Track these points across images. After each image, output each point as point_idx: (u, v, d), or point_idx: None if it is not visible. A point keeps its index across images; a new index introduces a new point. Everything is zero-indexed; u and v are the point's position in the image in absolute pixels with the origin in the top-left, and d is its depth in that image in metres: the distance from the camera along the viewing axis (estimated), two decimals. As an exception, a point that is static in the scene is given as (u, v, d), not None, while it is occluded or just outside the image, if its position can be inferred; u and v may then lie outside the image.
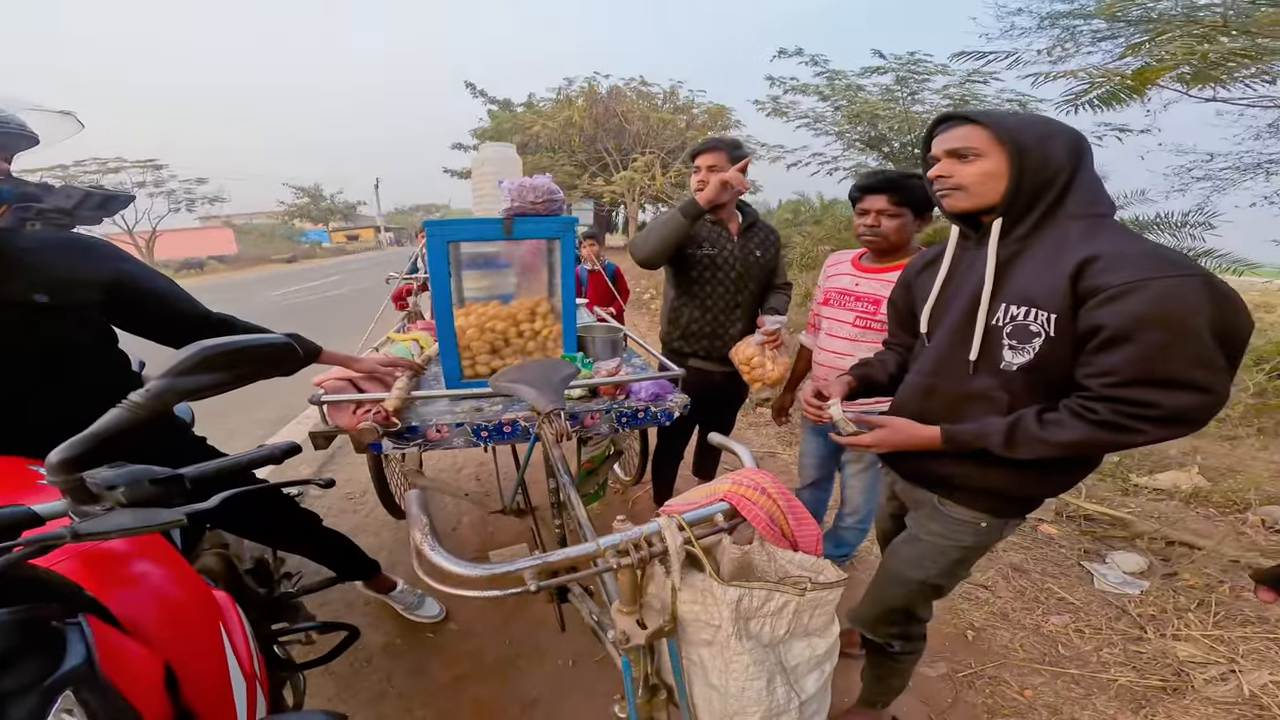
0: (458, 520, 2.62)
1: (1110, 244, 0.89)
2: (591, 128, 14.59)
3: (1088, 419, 0.91)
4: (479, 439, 1.49)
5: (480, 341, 1.67)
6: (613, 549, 0.73)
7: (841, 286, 1.71)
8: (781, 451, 3.42)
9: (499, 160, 2.14)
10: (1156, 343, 0.84)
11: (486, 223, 1.58)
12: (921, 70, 5.86)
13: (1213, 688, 1.61)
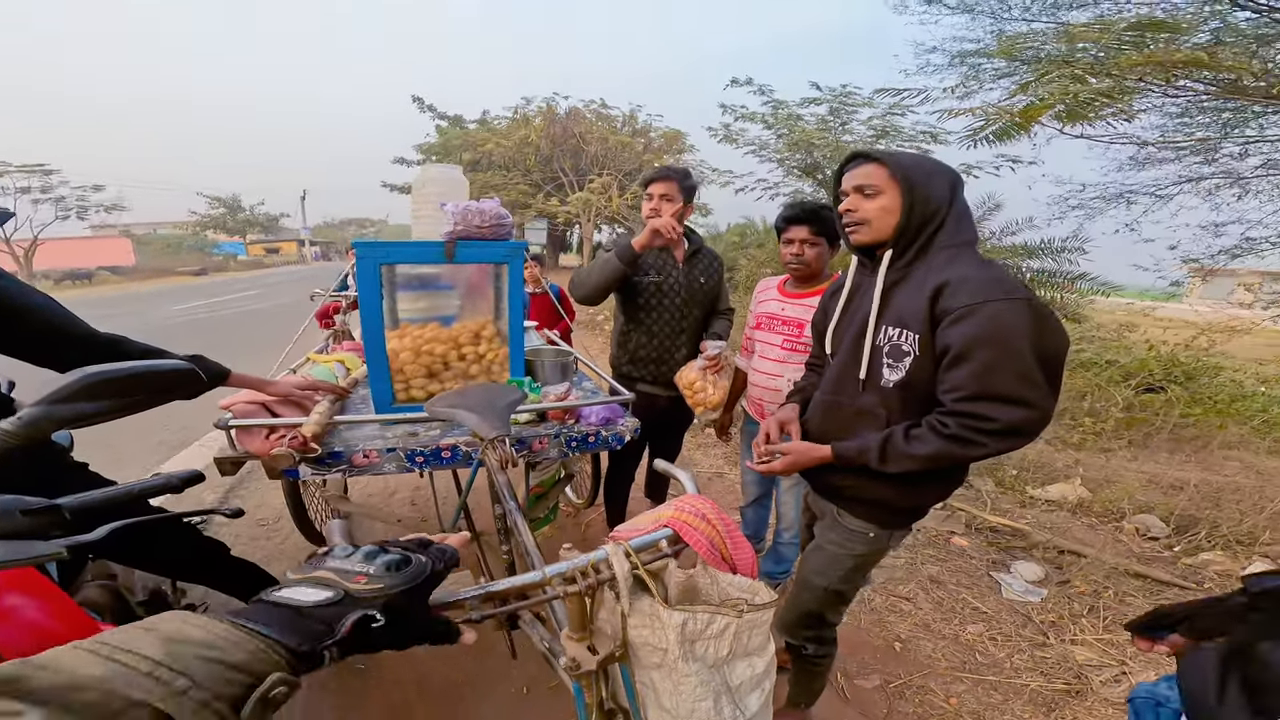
0: None
1: (960, 270, 1.02)
2: (548, 147, 14.66)
3: (941, 433, 1.02)
4: (414, 464, 1.43)
5: (415, 365, 1.62)
6: (559, 577, 0.74)
7: (770, 311, 1.83)
8: (728, 471, 3.51)
9: (444, 181, 2.08)
10: (987, 360, 0.96)
11: (425, 246, 1.55)
12: (851, 103, 6.40)
13: (1108, 689, 1.79)
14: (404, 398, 1.63)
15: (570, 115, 14.80)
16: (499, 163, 15.40)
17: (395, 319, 1.64)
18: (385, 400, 1.61)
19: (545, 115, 14.74)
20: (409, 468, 1.43)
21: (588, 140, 14.49)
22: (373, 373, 1.58)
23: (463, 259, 1.56)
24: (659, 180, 1.89)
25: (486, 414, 1.17)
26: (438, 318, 1.70)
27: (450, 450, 1.46)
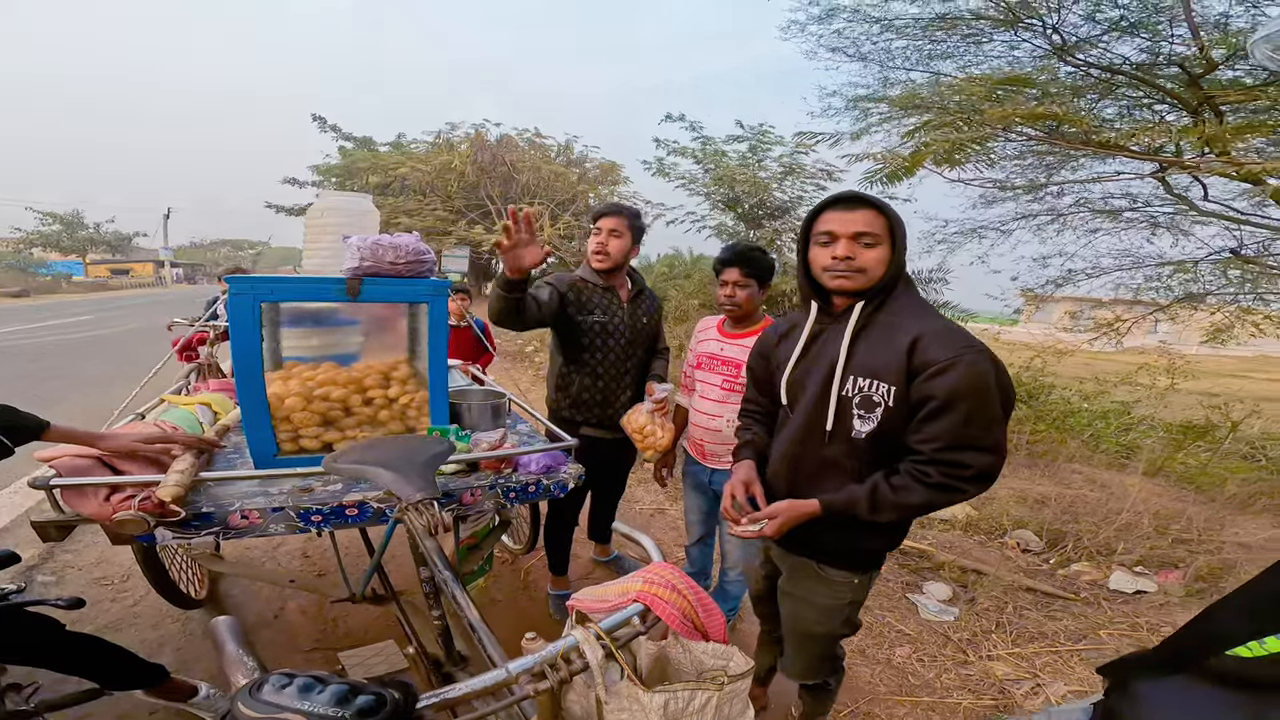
0: (280, 605, 2.13)
1: (929, 323, 1.06)
2: (475, 174, 14.28)
3: (925, 483, 1.04)
4: (309, 525, 1.28)
5: (306, 412, 1.45)
6: (527, 673, 0.63)
7: (710, 351, 1.83)
8: (669, 507, 3.45)
9: (348, 212, 1.89)
10: (967, 411, 0.99)
11: (320, 282, 1.42)
12: (766, 140, 6.96)
13: (1029, 701, 1.90)
14: (292, 449, 1.46)
15: (502, 142, 14.62)
16: (414, 187, 14.84)
17: (278, 359, 1.47)
18: (267, 453, 1.43)
19: (474, 142, 14.43)
20: (303, 529, 1.27)
21: (519, 168, 14.31)
22: (249, 423, 1.40)
23: (370, 298, 1.43)
24: (609, 215, 1.86)
25: (406, 472, 1.04)
26: (334, 356, 1.54)
27: (357, 508, 1.31)
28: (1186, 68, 2.81)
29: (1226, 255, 4.12)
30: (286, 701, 0.46)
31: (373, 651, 1.82)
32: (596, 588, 0.86)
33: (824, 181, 6.63)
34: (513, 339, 9.52)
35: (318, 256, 1.87)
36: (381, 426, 1.56)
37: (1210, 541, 2.96)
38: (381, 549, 1.42)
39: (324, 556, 2.54)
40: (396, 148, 16.55)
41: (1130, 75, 3.11)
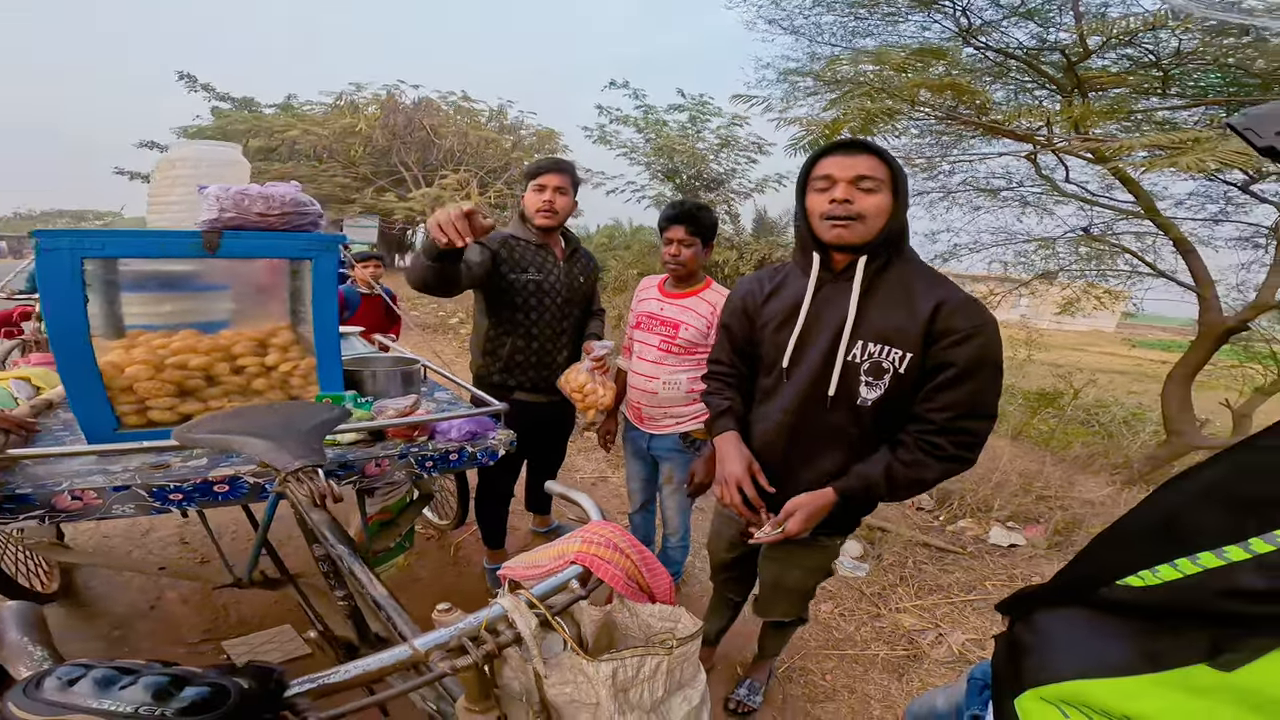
0: (156, 595, 1.90)
1: (947, 289, 1.03)
2: (386, 139, 13.02)
3: (938, 456, 1.03)
4: (167, 505, 1.14)
5: (155, 382, 1.31)
6: (440, 649, 0.51)
7: (649, 310, 1.77)
8: (611, 475, 3.37)
9: (210, 162, 1.62)
10: (984, 379, 1.00)
11: (165, 236, 1.28)
12: (706, 111, 6.94)
13: (935, 651, 2.03)
14: (138, 422, 1.32)
15: (421, 106, 13.42)
16: (306, 152, 13.42)
17: (118, 327, 1.33)
18: (102, 427, 1.27)
19: (384, 104, 13.11)
20: (159, 509, 1.14)
21: (442, 134, 13.24)
22: (74, 395, 1.24)
23: (233, 253, 1.29)
24: (553, 172, 1.74)
25: (284, 439, 0.93)
26: (196, 325, 1.40)
27: (228, 483, 1.18)
28: (1067, 53, 3.11)
29: (1079, 234, 4.66)
30: (78, 699, 0.35)
31: (265, 638, 1.67)
32: (529, 553, 0.77)
33: (755, 155, 6.75)
34: (434, 310, 8.97)
35: (168, 213, 1.60)
36: (258, 396, 1.42)
37: (1064, 498, 3.34)
38: (264, 527, 1.29)
39: (206, 540, 2.22)
40: (285, 109, 14.81)
41: (1020, 59, 3.39)
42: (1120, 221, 4.42)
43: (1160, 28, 2.55)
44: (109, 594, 1.91)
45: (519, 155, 13.57)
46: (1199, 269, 3.67)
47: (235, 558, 1.51)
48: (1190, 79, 3.08)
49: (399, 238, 16.53)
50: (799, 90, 4.46)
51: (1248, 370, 4.51)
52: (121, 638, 1.70)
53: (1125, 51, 3.04)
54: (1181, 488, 0.54)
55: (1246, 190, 3.74)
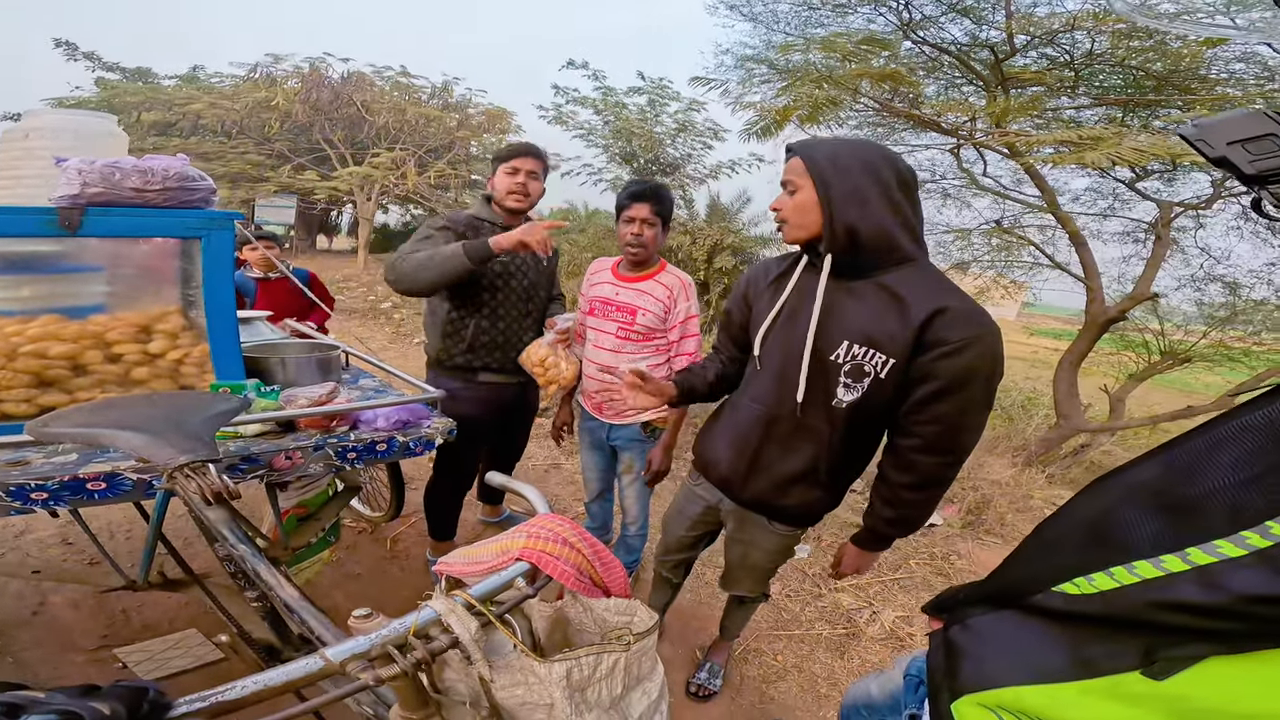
0: (39, 599, 1.69)
1: (950, 296, 0.97)
2: (307, 114, 11.93)
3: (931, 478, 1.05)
4: (29, 504, 1.02)
5: (5, 372, 1.17)
6: (358, 659, 0.44)
7: (603, 296, 1.69)
8: (565, 462, 3.26)
9: (77, 133, 1.42)
10: (973, 393, 0.97)
11: (7, 212, 1.16)
12: (664, 95, 6.82)
13: (870, 628, 2.12)
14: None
15: (349, 80, 12.39)
16: (212, 127, 12.16)
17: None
18: None
19: (306, 77, 12.01)
20: (21, 509, 1.02)
21: (375, 110, 12.29)
22: None
23: (98, 231, 1.17)
24: (527, 156, 1.68)
25: (165, 433, 0.82)
26: (62, 310, 1.26)
27: (104, 480, 1.05)
28: (995, 50, 3.30)
29: (992, 226, 5.03)
30: None
31: (168, 644, 1.53)
32: (468, 548, 0.71)
33: (711, 140, 6.74)
34: (362, 294, 8.40)
35: (18, 188, 1.40)
36: (139, 386, 1.26)
37: (974, 479, 3.55)
38: (155, 525, 1.20)
39: (84, 540, 1.98)
40: (189, 81, 13.33)
41: (953, 55, 3.57)
42: (1026, 215, 4.79)
43: (1078, 28, 2.75)
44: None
45: (464, 134, 12.92)
46: (1089, 261, 4.03)
47: (131, 558, 1.35)
48: (1096, 79, 3.35)
49: (320, 218, 15.34)
50: (755, 77, 4.49)
51: (1123, 358, 5.02)
52: (3, 647, 1.50)
53: (1045, 51, 3.25)
54: (1109, 489, 0.54)
55: (1132, 187, 4.15)
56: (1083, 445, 4.51)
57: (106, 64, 13.25)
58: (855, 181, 0.96)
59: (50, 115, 1.48)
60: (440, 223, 1.67)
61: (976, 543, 2.80)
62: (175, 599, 1.64)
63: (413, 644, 0.47)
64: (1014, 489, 3.49)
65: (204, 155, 11.65)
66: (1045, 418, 5.29)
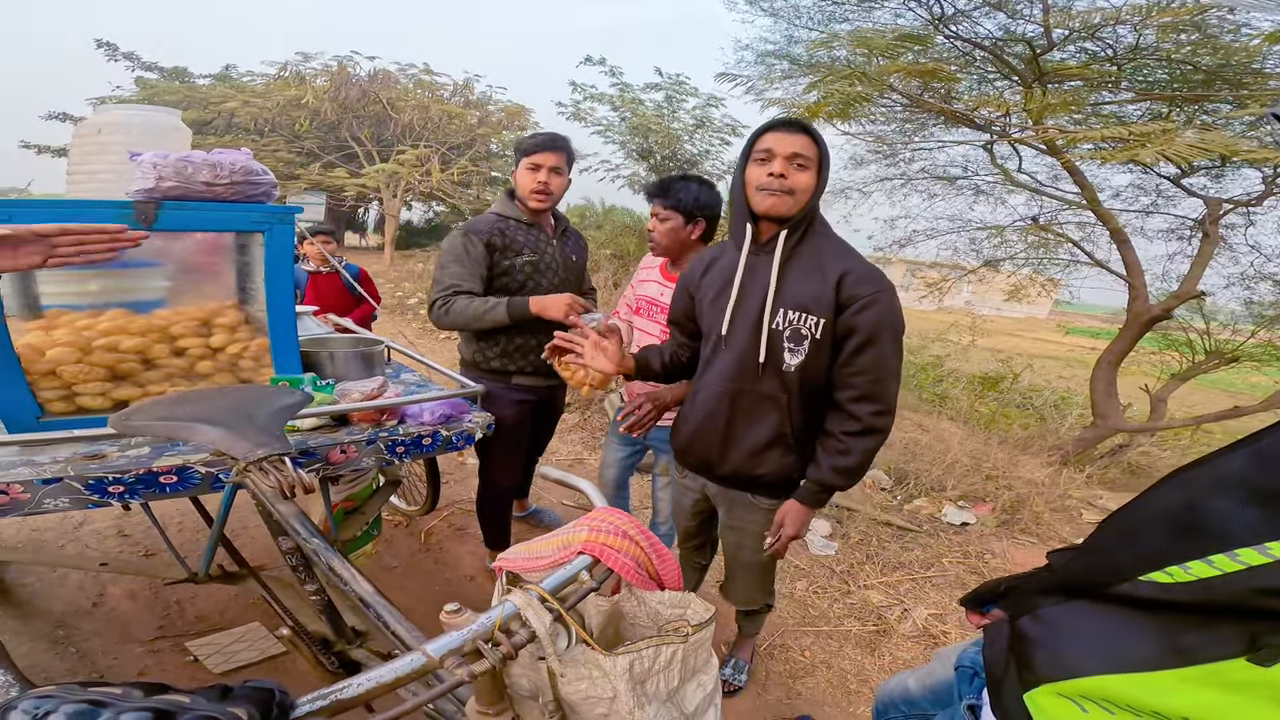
0: (99, 591, 1.77)
1: (853, 260, 1.11)
2: (336, 112, 12.20)
3: (860, 432, 1.12)
4: (107, 497, 1.05)
5: (82, 365, 1.21)
6: (454, 654, 0.46)
7: (650, 295, 1.68)
8: (588, 457, 3.31)
9: (142, 129, 1.47)
10: (887, 344, 1.08)
11: (88, 206, 1.18)
12: (682, 91, 6.84)
13: (902, 626, 2.10)
14: (65, 409, 1.22)
15: (376, 78, 12.63)
16: (245, 125, 12.51)
17: (34, 306, 1.23)
18: (24, 415, 1.17)
19: (335, 76, 12.25)
20: (98, 502, 1.05)
21: (400, 108, 12.53)
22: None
23: (173, 226, 1.19)
24: (549, 150, 1.61)
25: (240, 427, 0.86)
26: (126, 304, 1.29)
27: (175, 474, 1.08)
28: (1032, 44, 3.21)
29: (1028, 222, 4.89)
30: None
31: (234, 637, 1.57)
32: (526, 544, 0.73)
33: (729, 136, 6.70)
34: (390, 290, 8.60)
35: (92, 182, 1.46)
36: (204, 380, 1.32)
37: (1008, 478, 3.48)
38: (220, 520, 1.22)
39: (150, 532, 2.08)
40: (223, 80, 13.70)
41: (987, 49, 3.48)
42: (1064, 211, 4.65)
43: (1122, 22, 2.66)
44: (45, 591, 1.76)
45: (485, 131, 13.05)
46: (1132, 259, 3.90)
47: (184, 549, 1.40)
48: (1140, 74, 3.24)
49: (349, 215, 15.66)
50: (775, 72, 4.44)
51: (1166, 357, 4.85)
52: (66, 637, 1.58)
53: (1085, 45, 3.15)
54: (1193, 480, 0.53)
55: (1177, 184, 3.99)
56: (1120, 445, 4.38)
57: (145, 64, 13.69)
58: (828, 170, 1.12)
59: (120, 111, 1.55)
60: (463, 239, 1.62)
61: (1011, 542, 2.76)
62: (226, 591, 1.70)
63: (498, 638, 0.50)
64: (1050, 488, 3.41)
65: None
66: (1079, 417, 5.14)
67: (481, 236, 1.61)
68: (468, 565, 2.08)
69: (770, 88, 4.08)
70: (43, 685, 0.33)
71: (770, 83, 4.15)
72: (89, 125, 1.49)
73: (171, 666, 1.49)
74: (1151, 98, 3.21)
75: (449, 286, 1.58)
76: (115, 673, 1.48)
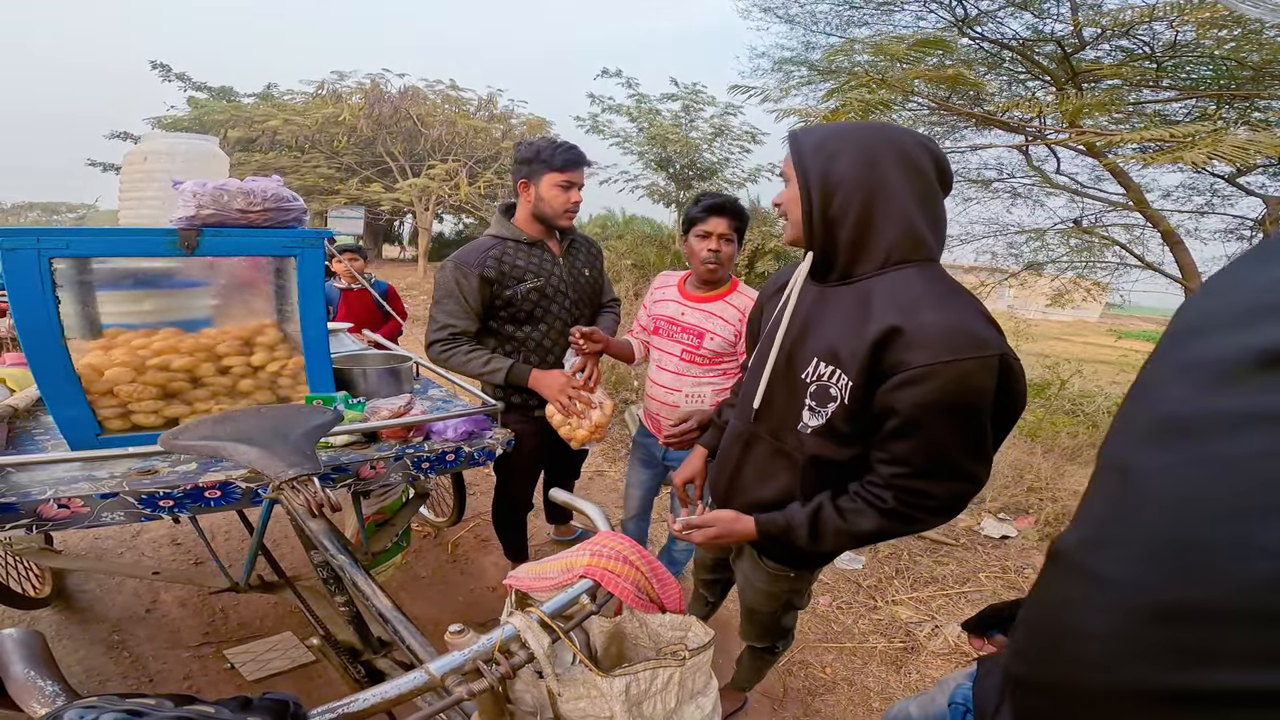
0: (152, 598, 1.90)
1: (916, 313, 0.78)
2: (370, 129, 12.77)
3: (879, 508, 0.86)
4: (158, 512, 1.13)
5: (137, 384, 1.28)
6: (456, 673, 0.51)
7: (669, 315, 1.63)
8: (608, 469, 3.33)
9: (185, 156, 1.57)
10: (942, 433, 0.79)
11: (140, 234, 1.25)
12: (699, 100, 6.87)
13: (932, 643, 2.04)
14: (121, 426, 1.29)
15: (406, 94, 13.16)
16: (288, 143, 13.18)
17: (95, 326, 1.29)
18: (84, 432, 1.25)
19: (369, 93, 12.84)
20: (151, 516, 1.12)
21: (429, 123, 13.01)
22: (51, 400, 1.21)
23: (214, 251, 1.26)
24: (583, 166, 1.53)
25: (274, 446, 0.91)
26: (176, 322, 1.36)
27: (219, 489, 1.16)
28: (1062, 44, 3.10)
29: (1070, 225, 4.70)
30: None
31: (268, 646, 1.66)
32: (536, 564, 0.76)
33: (748, 144, 6.71)
34: (424, 302, 8.88)
35: (141, 208, 1.56)
36: (245, 398, 1.39)
37: (1054, 489, 3.33)
38: (259, 534, 1.28)
39: (199, 541, 2.21)
40: (265, 99, 14.46)
41: (1015, 50, 3.38)
42: (1109, 213, 4.46)
43: (1155, 19, 2.55)
44: (103, 597, 1.89)
45: (508, 145, 13.40)
46: (1186, 261, 3.70)
47: (229, 559, 1.50)
48: (1183, 71, 3.09)
49: (385, 228, 16.26)
50: (793, 79, 4.42)
51: None
52: (120, 642, 1.69)
53: (1119, 43, 3.04)
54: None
55: (1233, 182, 3.77)
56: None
57: (196, 84, 14.56)
58: (842, 170, 0.82)
59: (163, 139, 1.64)
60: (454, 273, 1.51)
61: None
62: (267, 600, 1.79)
63: (498, 659, 0.53)
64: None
65: (281, 169, 12.63)
66: (1135, 424, 4.88)
67: (474, 270, 1.49)
68: (491, 576, 2.14)
69: (786, 96, 4.07)
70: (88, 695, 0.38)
71: (786, 91, 4.13)
72: (137, 154, 1.59)
73: (213, 672, 1.59)
74: (1197, 95, 3.05)
75: (444, 326, 1.52)
76: (163, 677, 1.57)
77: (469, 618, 1.88)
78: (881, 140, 0.84)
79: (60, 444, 1.25)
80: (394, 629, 0.66)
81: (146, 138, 1.65)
